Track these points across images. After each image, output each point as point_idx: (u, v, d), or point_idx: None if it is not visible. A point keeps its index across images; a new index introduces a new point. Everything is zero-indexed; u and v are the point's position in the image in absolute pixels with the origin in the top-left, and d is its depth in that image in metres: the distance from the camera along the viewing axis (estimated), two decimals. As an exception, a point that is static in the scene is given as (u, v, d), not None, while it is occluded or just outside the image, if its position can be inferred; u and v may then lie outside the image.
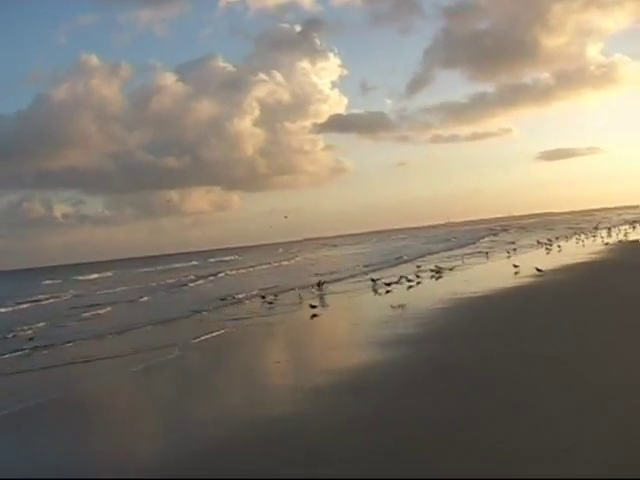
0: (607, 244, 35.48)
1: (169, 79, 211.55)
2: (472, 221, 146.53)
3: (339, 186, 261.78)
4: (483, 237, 61.63)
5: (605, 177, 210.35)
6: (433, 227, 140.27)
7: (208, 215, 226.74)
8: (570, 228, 58.50)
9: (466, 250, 43.74)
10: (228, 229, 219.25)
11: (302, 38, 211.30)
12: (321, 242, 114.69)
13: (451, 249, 47.76)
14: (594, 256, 28.47)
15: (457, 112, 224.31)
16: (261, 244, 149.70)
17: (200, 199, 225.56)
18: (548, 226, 75.71)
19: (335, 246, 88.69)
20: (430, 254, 43.83)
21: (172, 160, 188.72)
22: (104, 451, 7.96)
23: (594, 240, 39.81)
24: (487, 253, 36.71)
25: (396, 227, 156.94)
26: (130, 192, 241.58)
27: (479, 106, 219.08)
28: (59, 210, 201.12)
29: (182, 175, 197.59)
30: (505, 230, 76.85)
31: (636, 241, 35.54)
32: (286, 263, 57.32)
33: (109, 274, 66.12)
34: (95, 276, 65.64)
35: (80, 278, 64.29)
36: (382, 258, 45.12)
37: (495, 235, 61.92)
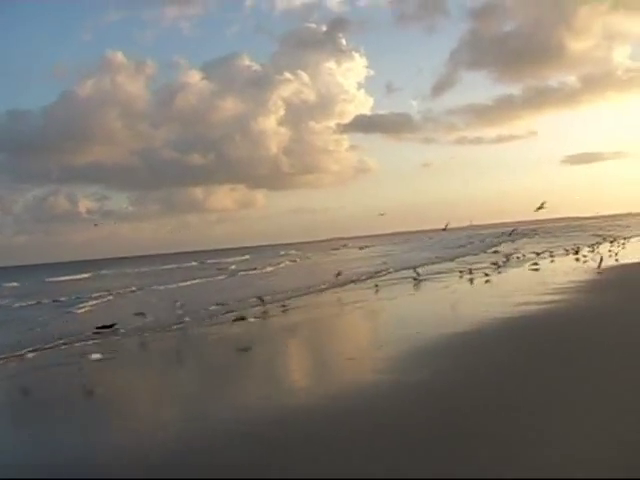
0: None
1: (194, 77, 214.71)
2: (496, 224, 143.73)
3: (363, 186, 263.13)
4: (500, 243, 60.00)
5: (631, 182, 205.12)
6: (456, 229, 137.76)
7: (232, 213, 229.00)
8: (597, 235, 56.33)
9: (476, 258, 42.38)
10: (252, 227, 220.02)
11: (328, 38, 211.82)
12: (341, 242, 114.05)
13: (459, 256, 46.23)
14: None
15: (482, 114, 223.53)
16: (284, 243, 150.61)
17: (224, 197, 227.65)
18: (573, 231, 73.95)
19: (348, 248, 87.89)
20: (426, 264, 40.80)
21: (197, 157, 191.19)
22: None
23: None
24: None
25: (419, 229, 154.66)
26: (155, 189, 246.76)
27: (504, 108, 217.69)
28: (84, 205, 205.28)
29: (207, 172, 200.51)
30: (526, 235, 74.78)
31: None
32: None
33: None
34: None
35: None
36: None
37: (513, 241, 59.31)
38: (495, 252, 37.31)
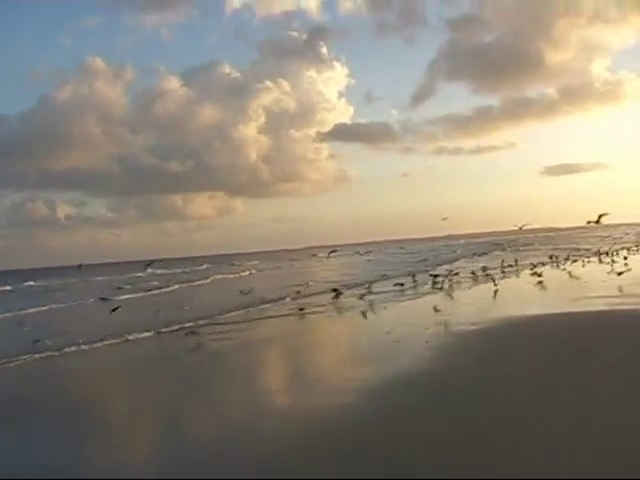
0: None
1: (174, 83, 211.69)
2: (474, 234, 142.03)
3: (343, 195, 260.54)
4: (461, 258, 55.93)
5: (610, 193, 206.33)
6: (433, 239, 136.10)
7: (212, 220, 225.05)
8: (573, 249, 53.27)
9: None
10: (231, 235, 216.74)
11: (308, 46, 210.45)
12: (313, 251, 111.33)
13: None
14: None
15: (461, 125, 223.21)
16: (262, 251, 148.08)
17: (204, 204, 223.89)
18: (551, 243, 71.51)
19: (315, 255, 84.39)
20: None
21: (176, 164, 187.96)
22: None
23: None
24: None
25: (397, 238, 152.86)
26: (134, 195, 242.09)
27: (483, 119, 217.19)
28: (62, 211, 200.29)
29: (186, 179, 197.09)
30: (499, 246, 71.83)
31: None
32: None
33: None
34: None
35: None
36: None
37: (479, 255, 53.42)
38: (434, 276, 29.55)
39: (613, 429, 7.45)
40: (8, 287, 57.50)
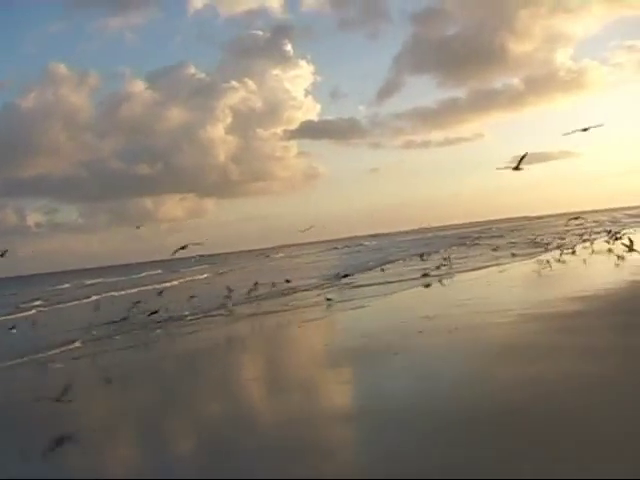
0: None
1: (139, 86, 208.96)
2: (446, 226, 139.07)
3: (313, 192, 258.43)
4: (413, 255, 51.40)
5: (578, 180, 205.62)
6: (406, 232, 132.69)
7: (183, 222, 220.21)
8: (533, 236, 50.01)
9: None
10: (203, 235, 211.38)
11: (273, 45, 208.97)
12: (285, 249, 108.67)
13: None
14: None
15: (429, 118, 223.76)
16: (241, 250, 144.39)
17: (174, 206, 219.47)
18: (521, 232, 68.16)
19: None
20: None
21: (145, 167, 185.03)
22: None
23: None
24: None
25: (370, 233, 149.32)
26: (103, 200, 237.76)
27: (450, 111, 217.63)
28: (32, 219, 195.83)
29: (155, 182, 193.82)
30: (463, 240, 67.98)
31: None
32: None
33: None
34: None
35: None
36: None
37: (437, 252, 47.57)
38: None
39: None
40: None
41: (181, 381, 12.94)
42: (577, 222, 47.16)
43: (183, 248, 20.17)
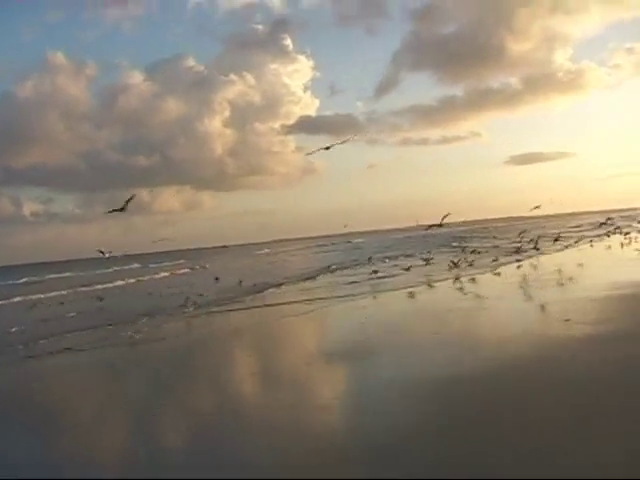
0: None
1: (137, 78, 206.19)
2: (443, 224, 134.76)
3: (310, 187, 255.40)
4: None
5: (574, 181, 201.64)
6: (401, 230, 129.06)
7: (179, 214, 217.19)
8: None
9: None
10: (199, 229, 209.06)
11: (272, 39, 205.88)
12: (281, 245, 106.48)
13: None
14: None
15: (426, 115, 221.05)
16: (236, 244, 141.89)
17: (170, 198, 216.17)
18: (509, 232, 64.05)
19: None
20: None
21: (141, 159, 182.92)
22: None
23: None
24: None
25: (365, 230, 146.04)
26: (100, 190, 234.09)
27: (448, 109, 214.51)
28: (28, 208, 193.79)
29: (151, 174, 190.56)
30: (457, 238, 64.13)
31: None
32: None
33: None
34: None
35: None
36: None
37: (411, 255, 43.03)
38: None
39: None
40: None
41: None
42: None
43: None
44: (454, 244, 53.74)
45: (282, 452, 7.21)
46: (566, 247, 36.38)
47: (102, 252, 30.20)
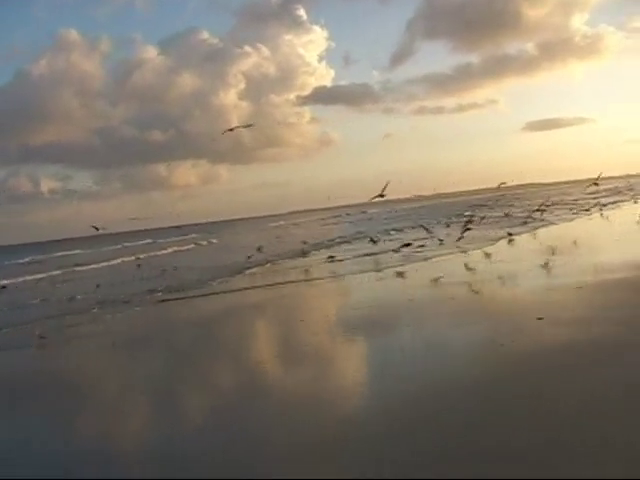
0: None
1: (151, 53, 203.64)
2: (460, 192, 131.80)
3: (326, 158, 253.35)
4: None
5: (593, 147, 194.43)
6: (416, 199, 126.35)
7: (196, 188, 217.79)
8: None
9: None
10: (217, 202, 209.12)
11: (286, 10, 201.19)
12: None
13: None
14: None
15: (442, 83, 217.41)
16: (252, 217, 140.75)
17: (187, 172, 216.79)
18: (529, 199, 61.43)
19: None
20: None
21: (157, 134, 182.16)
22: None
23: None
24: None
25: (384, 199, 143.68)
26: (116, 166, 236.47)
27: (464, 77, 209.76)
28: (46, 185, 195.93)
29: (168, 149, 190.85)
30: (475, 207, 61.44)
31: None
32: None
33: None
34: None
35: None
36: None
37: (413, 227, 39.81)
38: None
39: None
40: None
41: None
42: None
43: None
44: (467, 213, 51.15)
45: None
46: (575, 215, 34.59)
47: (96, 228, 28.79)
